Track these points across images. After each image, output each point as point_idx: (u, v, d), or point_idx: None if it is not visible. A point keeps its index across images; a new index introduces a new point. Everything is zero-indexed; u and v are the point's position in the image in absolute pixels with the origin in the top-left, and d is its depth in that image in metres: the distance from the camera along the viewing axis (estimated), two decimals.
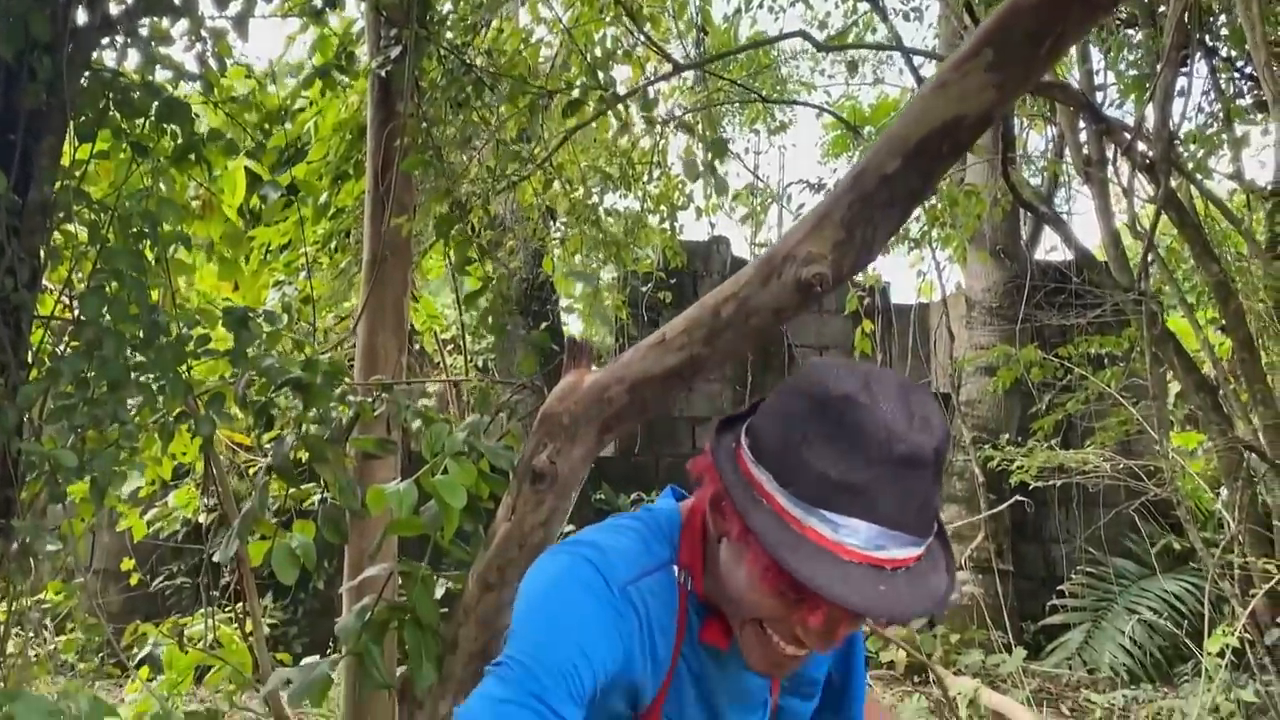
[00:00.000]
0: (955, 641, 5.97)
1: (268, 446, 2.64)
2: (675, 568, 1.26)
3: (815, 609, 1.10)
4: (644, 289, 6.53)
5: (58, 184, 2.23)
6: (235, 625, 3.11)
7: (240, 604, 2.94)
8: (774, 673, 1.24)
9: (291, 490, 2.57)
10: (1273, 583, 3.43)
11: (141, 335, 2.19)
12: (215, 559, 2.51)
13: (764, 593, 1.13)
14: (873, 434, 1.06)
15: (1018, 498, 4.76)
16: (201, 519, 3.29)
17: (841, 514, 1.06)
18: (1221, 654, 3.43)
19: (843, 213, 1.71)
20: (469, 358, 5.70)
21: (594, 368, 2.21)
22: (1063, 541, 6.91)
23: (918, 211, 6.40)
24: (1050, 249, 8.21)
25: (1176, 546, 6.04)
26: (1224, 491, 4.49)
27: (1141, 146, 4.04)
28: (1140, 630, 5.83)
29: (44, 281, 2.52)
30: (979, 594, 6.04)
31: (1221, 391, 4.18)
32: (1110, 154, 4.58)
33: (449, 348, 7.50)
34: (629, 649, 1.20)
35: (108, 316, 2.14)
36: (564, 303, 6.42)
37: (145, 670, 2.91)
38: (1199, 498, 5.76)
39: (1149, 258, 4.19)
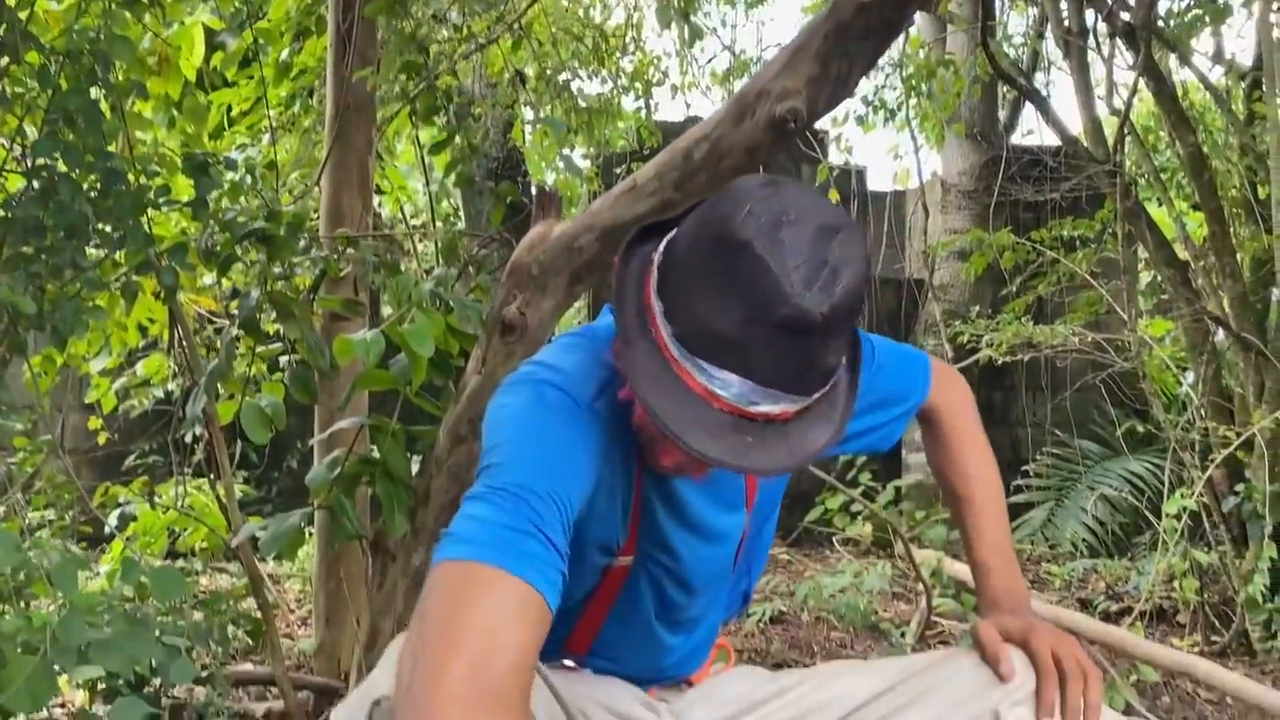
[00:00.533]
0: (920, 518, 6.10)
1: (234, 313, 2.60)
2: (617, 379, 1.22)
3: (675, 451, 1.09)
4: (618, 170, 6.45)
5: (2, 26, 2.13)
6: (208, 490, 3.11)
7: (211, 473, 2.94)
8: (675, 475, 1.22)
9: (259, 350, 2.55)
10: (1231, 448, 3.50)
11: (98, 184, 2.13)
12: (185, 420, 2.49)
13: (644, 424, 1.13)
14: (759, 291, 0.99)
15: (983, 353, 4.79)
16: (171, 387, 3.27)
17: (716, 365, 1.02)
18: (1178, 517, 3.51)
19: (818, 45, 1.67)
20: (437, 240, 5.64)
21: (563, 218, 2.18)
22: (1029, 425, 7.02)
23: (896, 82, 6.30)
24: (1028, 132, 8.16)
25: (1140, 429, 6.16)
26: (1189, 375, 4.55)
27: (1125, 16, 3.98)
28: (1102, 507, 5.97)
29: None
30: None
31: (1192, 269, 4.20)
32: (1091, 24, 4.51)
33: (418, 235, 7.41)
34: (600, 466, 1.17)
35: (61, 163, 2.08)
36: (533, 184, 6.32)
37: (119, 535, 2.92)
38: (1164, 381, 5.84)
39: (1125, 128, 4.16)
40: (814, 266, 0.99)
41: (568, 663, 1.35)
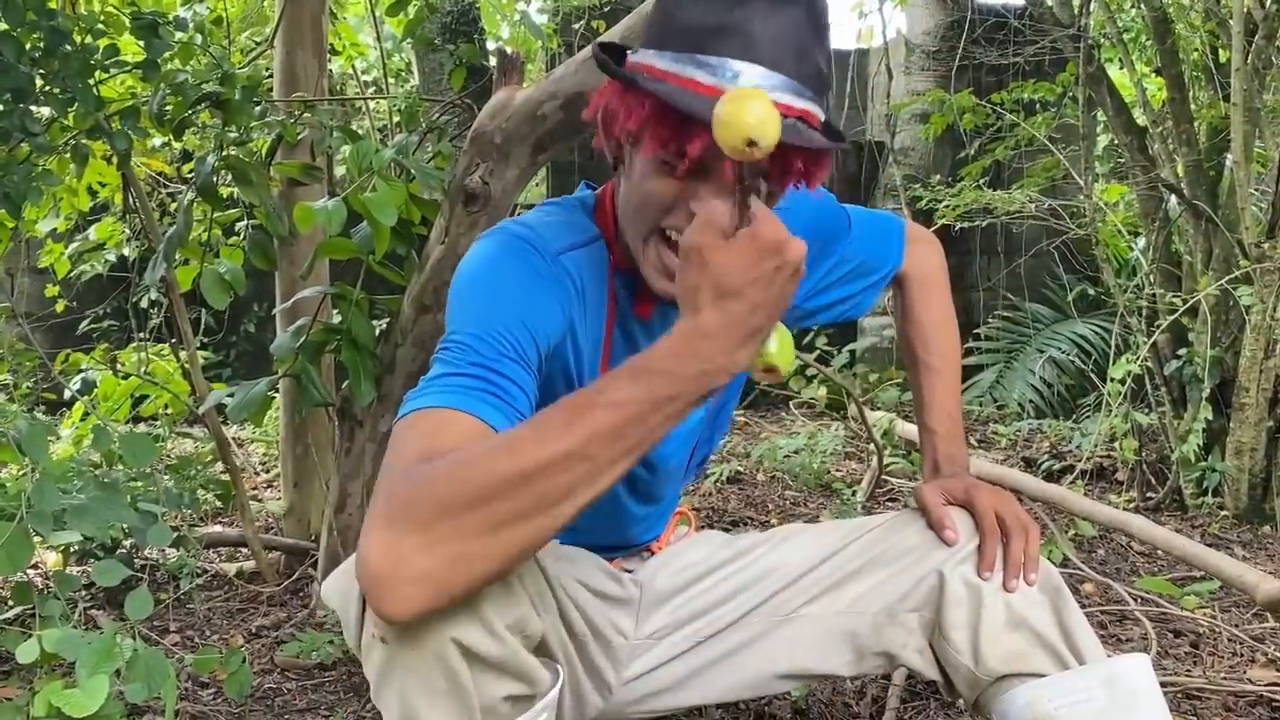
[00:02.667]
0: (874, 381, 6.24)
1: (189, 176, 2.55)
2: (601, 242, 1.27)
3: (697, 152, 1.04)
4: (576, 26, 6.29)
5: None
6: (169, 356, 3.11)
7: (173, 339, 2.93)
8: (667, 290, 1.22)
9: (217, 216, 2.52)
10: (1176, 315, 3.60)
11: (42, 43, 2.06)
12: (143, 286, 2.47)
13: (650, 178, 1.12)
14: None
15: (941, 222, 4.84)
16: (125, 253, 3.22)
17: (717, 56, 1.04)
18: (1122, 381, 3.63)
19: None
20: (387, 79, 5.48)
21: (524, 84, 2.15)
22: (982, 289, 7.12)
23: None
24: None
25: (1091, 293, 6.28)
26: (1141, 240, 4.62)
27: None
28: (1050, 369, 6.14)
29: None
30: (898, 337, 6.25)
31: (1149, 136, 4.22)
32: None
33: (371, 90, 7.21)
34: (569, 315, 1.20)
35: (2, 21, 2.00)
36: (491, 45, 6.14)
37: (81, 401, 2.92)
38: (1117, 245, 5.93)
39: None
40: None
41: None
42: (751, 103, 0.87)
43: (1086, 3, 4.09)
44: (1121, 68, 5.10)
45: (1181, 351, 3.86)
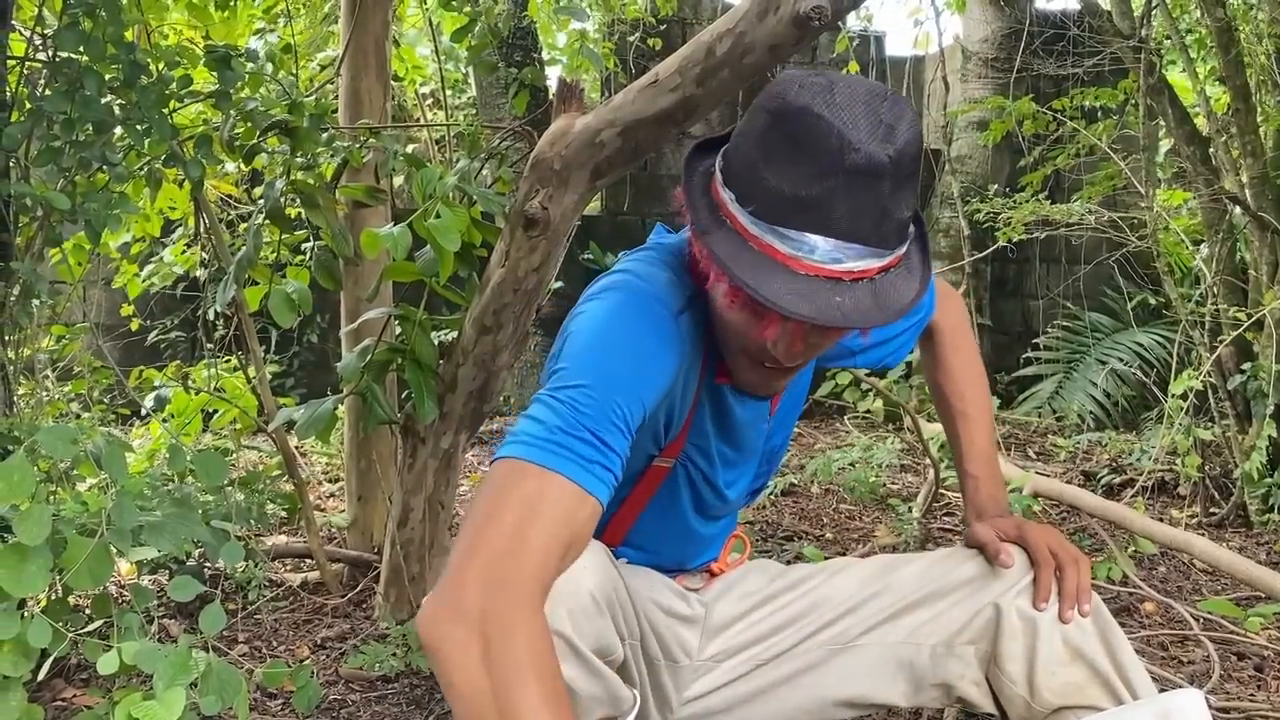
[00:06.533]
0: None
1: (259, 200, 2.63)
2: (700, 302, 1.27)
3: (771, 323, 1.13)
4: (631, 39, 6.33)
5: None
6: (238, 371, 3.20)
7: (239, 352, 3.02)
8: (764, 391, 1.31)
9: (285, 238, 2.59)
10: (1240, 330, 3.54)
11: (121, 76, 2.14)
12: (212, 307, 2.55)
13: (738, 314, 1.16)
14: (825, 145, 1.05)
15: (1001, 243, 4.81)
16: (198, 274, 3.31)
17: (796, 229, 1.07)
18: (1184, 396, 3.58)
19: None
20: (449, 114, 5.57)
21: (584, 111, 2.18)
22: (1041, 297, 7.04)
23: None
24: None
25: (1152, 301, 6.18)
26: (1204, 248, 4.55)
27: None
28: (1110, 380, 6.05)
29: (13, 22, 2.43)
30: None
31: (1213, 145, 4.16)
32: None
33: (429, 102, 7.31)
34: (681, 375, 1.24)
35: (85, 55, 2.08)
36: (547, 55, 6.21)
37: (156, 416, 3.02)
38: (1179, 253, 5.83)
39: (1152, 1, 4.06)
40: (872, 121, 1.06)
41: None
42: None
43: (1148, 13, 4.04)
44: (1183, 71, 5.01)
45: (1246, 366, 3.80)
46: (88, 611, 2.05)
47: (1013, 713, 1.29)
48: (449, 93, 6.81)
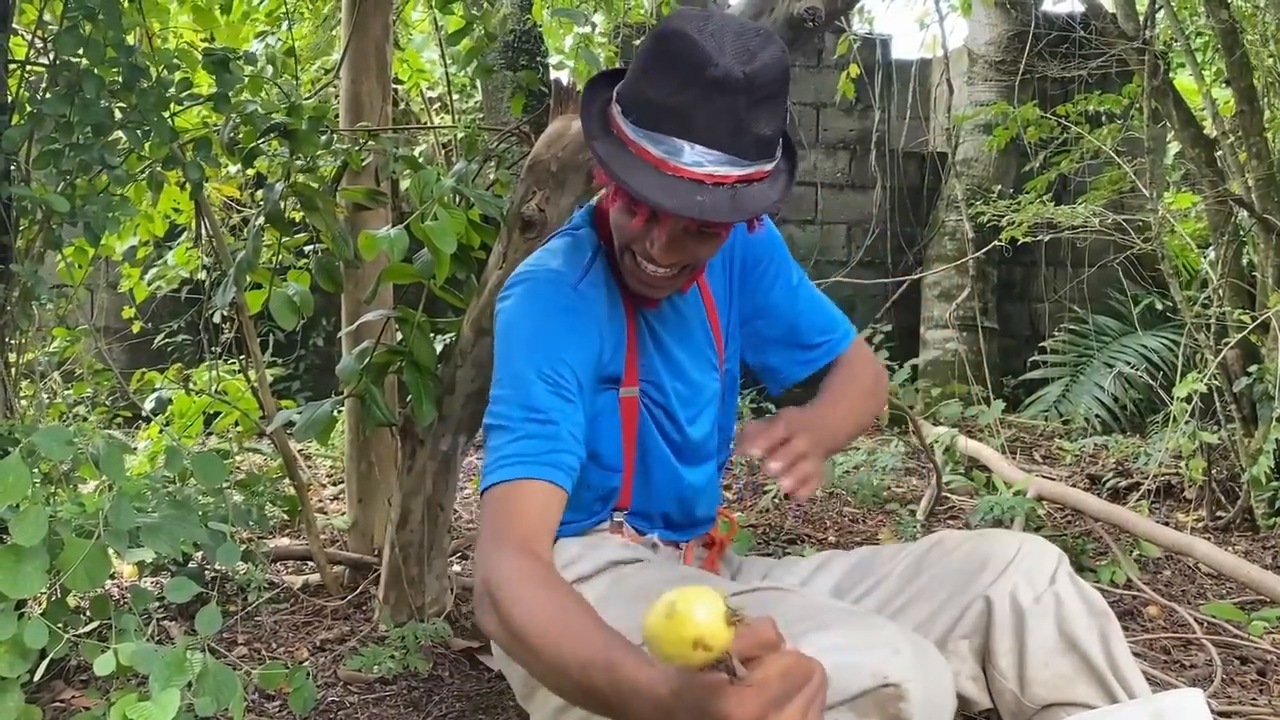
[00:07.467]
0: (936, 395, 6.18)
1: (260, 202, 2.64)
2: (603, 254, 1.46)
3: (642, 214, 1.29)
4: (636, 42, 6.33)
5: None
6: (239, 374, 3.20)
7: (242, 355, 3.03)
8: (650, 292, 1.42)
9: (285, 241, 2.60)
10: (1245, 332, 3.53)
11: (121, 79, 2.15)
12: (214, 309, 2.56)
13: (620, 213, 1.34)
14: (691, 59, 1.20)
15: (998, 242, 4.80)
16: (201, 277, 3.32)
17: (665, 134, 1.23)
18: (1189, 399, 3.57)
19: None
20: (455, 116, 5.59)
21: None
22: (1048, 300, 7.02)
23: None
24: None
25: (1159, 305, 6.16)
26: (1210, 251, 4.53)
27: None
28: (1117, 383, 6.02)
29: (14, 25, 2.44)
30: (962, 350, 6.19)
31: (1219, 148, 4.14)
32: None
33: (435, 106, 7.32)
34: (600, 335, 1.39)
35: (84, 59, 2.09)
36: (554, 59, 6.22)
37: (157, 419, 3.03)
38: (1185, 256, 5.81)
39: (1156, 4, 4.04)
40: (737, 47, 1.21)
41: (638, 536, 1.54)
42: (689, 617, 0.80)
43: (1151, 15, 4.03)
44: (1190, 74, 5.00)
45: (1252, 369, 3.78)
46: (87, 613, 2.06)
47: (1003, 709, 1.28)
48: (456, 96, 6.83)
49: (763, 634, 0.83)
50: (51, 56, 2.20)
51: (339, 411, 2.51)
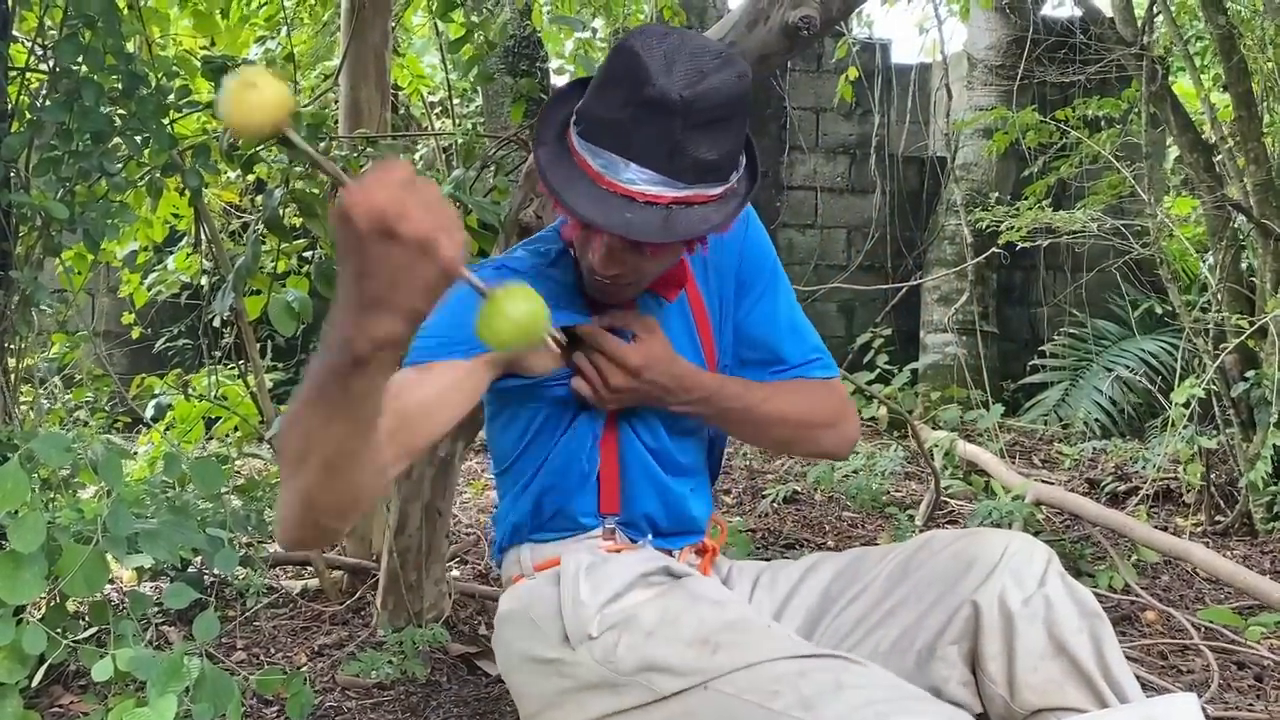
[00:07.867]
0: (935, 399, 6.18)
1: (259, 208, 2.65)
2: (569, 254, 1.44)
3: (578, 226, 1.31)
4: None
5: None
6: (239, 379, 3.21)
7: (242, 360, 3.03)
8: (604, 298, 1.40)
9: (284, 246, 2.60)
10: (1243, 337, 3.53)
11: (120, 86, 2.16)
12: (213, 314, 2.57)
13: (566, 222, 1.37)
14: (631, 78, 1.19)
15: (995, 249, 4.81)
16: (201, 282, 3.33)
17: (605, 149, 1.22)
18: (1187, 404, 3.57)
19: None
20: (456, 121, 5.60)
21: None
22: (1047, 304, 7.03)
23: None
24: (1058, 3, 7.92)
25: (1158, 309, 6.16)
26: (1209, 256, 4.54)
27: None
28: (1116, 388, 6.03)
29: (15, 32, 2.46)
30: (961, 354, 6.20)
31: (1217, 153, 4.15)
32: None
33: (436, 110, 7.33)
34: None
35: (84, 66, 2.10)
36: (554, 64, 6.22)
37: (154, 429, 3.03)
38: (1184, 261, 5.82)
39: (1154, 9, 4.06)
40: (687, 69, 1.19)
41: (630, 544, 1.50)
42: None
43: (1150, 20, 4.04)
44: (1187, 79, 5.01)
45: (1250, 373, 3.79)
46: (85, 618, 2.06)
47: (994, 713, 1.27)
48: (457, 101, 6.83)
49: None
50: (51, 63, 2.21)
51: None
